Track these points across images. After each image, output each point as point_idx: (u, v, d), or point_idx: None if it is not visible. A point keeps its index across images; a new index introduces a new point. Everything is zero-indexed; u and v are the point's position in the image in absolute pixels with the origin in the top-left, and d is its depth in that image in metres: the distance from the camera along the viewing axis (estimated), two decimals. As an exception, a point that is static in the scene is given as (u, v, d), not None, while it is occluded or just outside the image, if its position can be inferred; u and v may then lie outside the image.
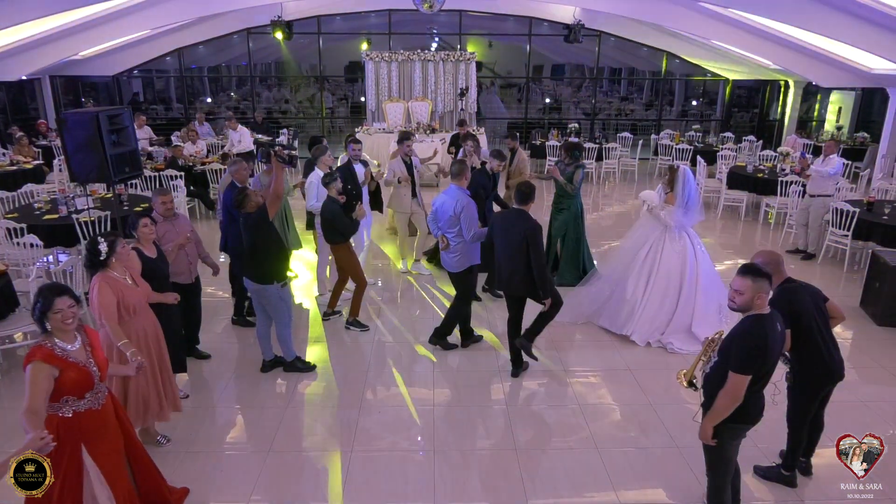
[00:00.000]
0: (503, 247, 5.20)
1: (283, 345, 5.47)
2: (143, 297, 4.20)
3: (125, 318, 4.04)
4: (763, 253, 3.90)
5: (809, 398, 3.97)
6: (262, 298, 5.25)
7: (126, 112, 6.44)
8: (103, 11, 11.40)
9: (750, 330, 3.21)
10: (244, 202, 5.10)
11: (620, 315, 6.25)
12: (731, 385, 3.20)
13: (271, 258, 5.14)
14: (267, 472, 4.28)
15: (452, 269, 5.82)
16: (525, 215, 5.12)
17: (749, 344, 3.18)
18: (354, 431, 4.73)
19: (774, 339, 3.23)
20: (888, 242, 7.61)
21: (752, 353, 3.18)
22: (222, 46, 17.28)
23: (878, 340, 6.29)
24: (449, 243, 5.69)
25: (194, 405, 5.07)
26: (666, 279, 6.11)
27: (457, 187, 5.66)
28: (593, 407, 5.11)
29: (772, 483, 4.17)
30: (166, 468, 4.26)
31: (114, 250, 4.01)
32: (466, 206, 5.55)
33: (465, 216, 5.53)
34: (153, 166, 10.46)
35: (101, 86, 17.28)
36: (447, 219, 5.63)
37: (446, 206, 5.64)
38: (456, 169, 5.69)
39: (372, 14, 16.21)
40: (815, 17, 8.92)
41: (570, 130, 14.57)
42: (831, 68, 12.76)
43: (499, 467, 4.35)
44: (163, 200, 5.32)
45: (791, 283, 3.86)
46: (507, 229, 5.15)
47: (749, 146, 14.54)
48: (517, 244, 5.06)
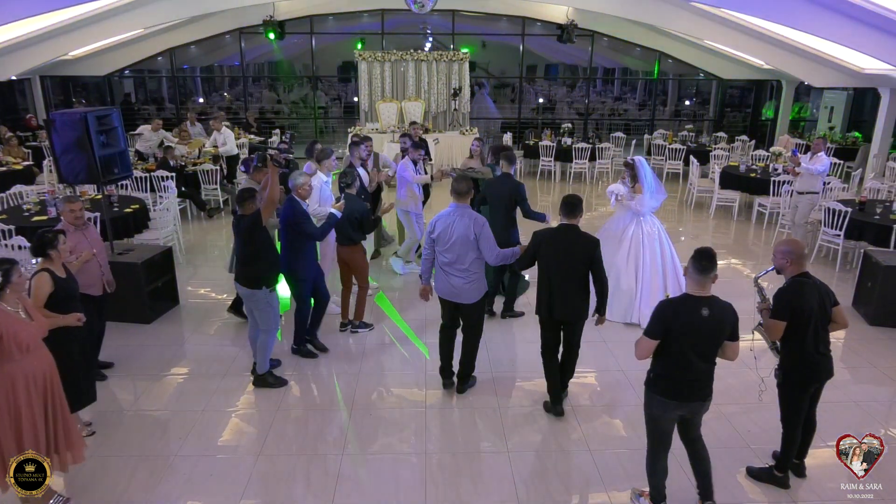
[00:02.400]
0: (556, 267, 4.63)
1: (262, 353, 5.27)
2: (37, 332, 3.67)
3: (15, 356, 3.51)
4: (789, 242, 3.96)
5: (798, 395, 3.96)
6: (252, 303, 5.18)
7: (115, 112, 6.36)
8: (93, 11, 11.30)
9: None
10: (246, 202, 5.01)
11: (622, 305, 6.49)
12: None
13: (263, 263, 5.06)
14: (257, 476, 4.24)
15: (469, 301, 4.95)
16: (580, 231, 4.68)
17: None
18: (345, 434, 4.70)
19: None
20: (880, 242, 7.64)
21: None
22: (214, 46, 17.21)
23: (870, 340, 6.29)
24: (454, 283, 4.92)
25: (184, 409, 5.03)
26: (650, 263, 6.50)
27: (462, 206, 4.87)
28: (585, 408, 5.08)
29: (765, 484, 4.15)
30: (154, 471, 4.23)
31: (8, 280, 3.57)
32: (484, 225, 4.81)
33: (485, 238, 4.78)
34: (144, 167, 10.39)
35: (93, 86, 17.18)
36: (459, 244, 4.80)
37: (456, 230, 4.79)
38: (464, 187, 4.85)
39: (364, 14, 16.17)
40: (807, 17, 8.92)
41: (563, 130, 14.57)
42: (823, 68, 12.79)
43: (490, 469, 4.32)
44: (71, 208, 4.86)
45: (806, 277, 3.87)
46: (564, 249, 4.62)
47: (742, 146, 14.57)
48: (579, 263, 4.61)
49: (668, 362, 3.53)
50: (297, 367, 5.67)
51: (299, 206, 5.44)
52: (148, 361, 5.76)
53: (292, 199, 5.41)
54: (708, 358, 3.52)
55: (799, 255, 3.89)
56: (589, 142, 13.99)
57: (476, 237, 4.76)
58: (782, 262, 3.91)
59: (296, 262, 5.52)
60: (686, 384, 3.53)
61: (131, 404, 5.09)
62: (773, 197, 9.87)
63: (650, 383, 3.64)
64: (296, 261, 5.51)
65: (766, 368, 4.32)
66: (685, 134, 15.08)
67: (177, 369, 5.68)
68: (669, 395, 3.56)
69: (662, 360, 3.56)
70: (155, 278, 6.64)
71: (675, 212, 11.34)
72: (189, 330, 6.46)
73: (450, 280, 4.91)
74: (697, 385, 3.55)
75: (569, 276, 4.64)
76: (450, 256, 4.85)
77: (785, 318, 3.81)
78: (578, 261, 4.61)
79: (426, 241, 5.03)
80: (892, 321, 6.52)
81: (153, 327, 6.46)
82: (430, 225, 4.98)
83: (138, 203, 8.18)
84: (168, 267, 6.88)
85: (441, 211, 4.97)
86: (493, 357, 5.85)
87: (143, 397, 5.19)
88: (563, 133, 14.45)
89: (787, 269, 3.91)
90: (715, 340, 3.51)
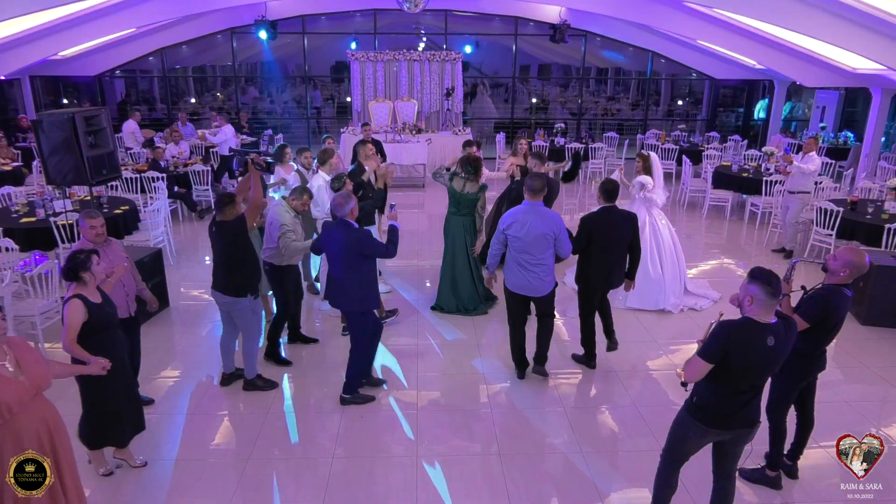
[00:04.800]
0: (606, 246, 5.24)
1: (248, 359, 5.19)
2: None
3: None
4: (857, 253, 3.79)
5: (794, 387, 3.96)
6: (234, 312, 5.03)
7: (104, 113, 6.32)
8: (83, 10, 11.22)
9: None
10: (226, 207, 4.77)
11: (651, 293, 6.83)
12: None
13: (246, 270, 4.94)
14: (247, 479, 4.20)
15: (545, 293, 5.12)
16: (622, 211, 5.34)
17: None
18: (336, 436, 4.66)
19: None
20: (872, 241, 7.65)
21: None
22: (206, 46, 17.10)
23: (862, 340, 6.30)
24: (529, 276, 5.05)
25: (173, 412, 4.98)
26: (669, 251, 6.91)
27: (536, 203, 4.96)
28: (577, 410, 5.07)
29: (758, 486, 4.14)
30: (141, 476, 4.18)
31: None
32: (560, 222, 4.98)
33: (562, 234, 4.99)
34: (135, 167, 10.32)
35: (84, 86, 17.03)
36: (537, 242, 4.91)
37: (535, 228, 4.88)
38: (539, 184, 4.96)
39: (357, 14, 16.12)
40: (799, 17, 8.95)
41: (557, 130, 14.56)
42: (815, 68, 12.83)
43: (482, 472, 4.30)
44: (92, 224, 4.36)
45: (848, 289, 3.76)
46: (613, 228, 5.24)
47: (734, 146, 14.60)
48: (626, 240, 5.28)
49: (717, 389, 3.20)
50: (286, 370, 5.62)
51: (357, 228, 4.79)
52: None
53: (345, 222, 4.73)
54: (761, 387, 3.27)
55: (860, 271, 3.74)
56: (582, 142, 13.98)
57: (555, 235, 4.95)
58: (838, 268, 3.73)
59: (369, 291, 4.84)
60: (731, 413, 3.24)
61: (120, 408, 5.03)
62: (766, 196, 9.89)
63: (692, 408, 3.33)
64: (369, 288, 4.84)
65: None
66: (678, 134, 15.09)
67: (166, 372, 5.63)
68: (711, 423, 3.28)
69: (711, 384, 3.21)
70: (145, 280, 6.53)
71: (668, 211, 11.26)
72: (179, 332, 6.41)
73: (527, 276, 5.05)
74: (744, 412, 3.26)
75: (620, 250, 5.30)
76: (527, 255, 4.98)
77: (812, 322, 3.70)
78: (626, 234, 5.26)
79: (497, 235, 5.12)
80: (884, 321, 6.53)
81: (142, 329, 6.34)
82: (502, 222, 5.05)
83: (128, 204, 8.11)
84: (158, 269, 6.81)
85: (513, 208, 5.15)
86: (483, 356, 5.83)
87: (131, 400, 5.13)
88: (555, 133, 14.44)
89: (839, 277, 3.73)
90: (774, 369, 3.26)
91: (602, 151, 13.86)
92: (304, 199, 5.54)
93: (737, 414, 3.24)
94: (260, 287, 5.43)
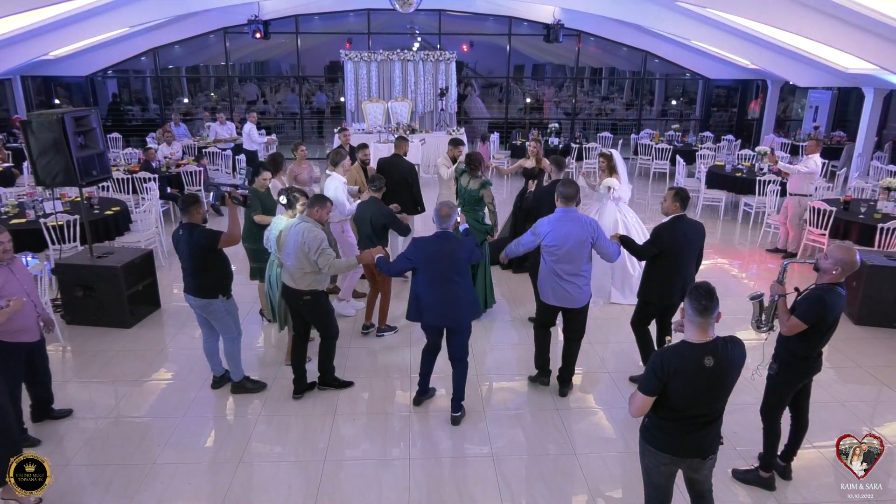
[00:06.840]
0: (677, 257, 4.84)
1: (232, 362, 5.13)
2: None
3: None
4: (847, 251, 3.73)
5: (789, 388, 3.94)
6: (208, 314, 4.97)
7: (93, 113, 6.26)
8: (74, 10, 11.14)
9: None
10: (190, 208, 4.68)
11: (633, 287, 6.75)
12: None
13: (217, 272, 4.87)
14: (237, 482, 4.16)
15: (581, 304, 4.98)
16: (690, 219, 4.91)
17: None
18: (328, 439, 4.63)
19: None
20: (865, 241, 7.66)
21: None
22: (199, 46, 17.03)
23: (856, 339, 6.30)
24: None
25: (164, 415, 4.94)
26: None
27: (570, 210, 4.82)
28: (572, 411, 5.05)
29: (751, 486, 4.13)
30: (132, 479, 4.14)
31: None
32: (597, 226, 4.85)
33: (602, 238, 4.84)
34: (126, 167, 10.25)
35: (75, 86, 16.93)
36: (575, 250, 4.77)
37: (572, 236, 4.74)
38: (572, 191, 4.82)
39: (350, 13, 16.07)
40: (792, 17, 8.98)
41: (551, 130, 14.56)
42: (808, 68, 12.87)
43: (475, 474, 4.27)
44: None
45: (841, 288, 3.73)
46: (688, 239, 4.84)
47: (728, 145, 14.62)
48: (695, 251, 4.95)
49: (664, 414, 3.05)
50: (279, 371, 5.58)
51: (455, 237, 4.71)
52: (128, 366, 5.65)
53: (446, 233, 4.60)
54: (711, 412, 3.04)
55: (851, 268, 3.68)
56: (576, 142, 13.97)
57: (593, 239, 4.78)
58: (829, 267, 3.67)
59: (475, 295, 4.84)
60: (681, 439, 3.06)
61: (110, 410, 4.99)
62: (759, 196, 9.89)
63: (643, 430, 3.20)
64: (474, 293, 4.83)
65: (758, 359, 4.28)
66: (672, 133, 15.11)
67: (157, 374, 5.58)
68: (661, 447, 3.11)
69: (658, 408, 3.05)
70: (136, 282, 6.53)
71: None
72: (170, 334, 6.36)
73: (566, 287, 4.89)
74: (693, 441, 3.07)
75: (687, 263, 4.91)
76: (566, 265, 4.82)
77: (810, 323, 3.68)
78: (697, 248, 4.96)
79: (529, 237, 4.94)
80: (877, 320, 6.54)
81: (133, 332, 6.35)
82: (539, 228, 4.87)
83: (119, 205, 8.05)
84: (149, 270, 6.76)
85: (547, 216, 4.91)
86: (476, 360, 5.80)
87: (122, 403, 5.09)
88: (549, 133, 14.43)
89: (831, 276, 3.67)
90: (722, 392, 3.01)
91: (596, 151, 13.84)
92: (329, 207, 4.90)
93: (684, 439, 3.06)
94: (273, 304, 5.41)
